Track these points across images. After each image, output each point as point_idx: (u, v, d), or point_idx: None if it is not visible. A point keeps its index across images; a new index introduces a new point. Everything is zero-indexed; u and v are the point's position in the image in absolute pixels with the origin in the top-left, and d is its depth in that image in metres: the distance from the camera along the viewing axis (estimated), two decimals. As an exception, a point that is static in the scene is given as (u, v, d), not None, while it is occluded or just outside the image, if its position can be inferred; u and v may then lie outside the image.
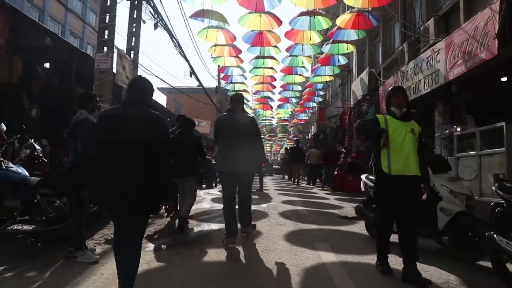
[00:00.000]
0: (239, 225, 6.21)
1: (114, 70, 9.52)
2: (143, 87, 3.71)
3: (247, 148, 5.82)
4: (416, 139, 4.48)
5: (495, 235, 4.05)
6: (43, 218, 6.04)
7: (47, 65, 12.26)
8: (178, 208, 7.68)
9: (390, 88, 4.84)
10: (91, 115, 5.09)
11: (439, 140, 10.41)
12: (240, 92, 13.05)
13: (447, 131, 9.88)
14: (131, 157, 3.30)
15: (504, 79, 8.96)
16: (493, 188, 5.02)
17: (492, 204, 4.62)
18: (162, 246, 5.65)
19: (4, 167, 6.12)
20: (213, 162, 15.13)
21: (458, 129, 9.35)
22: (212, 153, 15.47)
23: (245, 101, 6.40)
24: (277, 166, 39.81)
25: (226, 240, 5.79)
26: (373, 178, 5.22)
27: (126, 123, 3.43)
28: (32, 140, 7.87)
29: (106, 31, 9.51)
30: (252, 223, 6.73)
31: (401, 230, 4.44)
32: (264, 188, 15.88)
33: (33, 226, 6.33)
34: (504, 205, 4.38)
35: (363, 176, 6.85)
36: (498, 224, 4.33)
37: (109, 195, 3.35)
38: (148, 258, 5.03)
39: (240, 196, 6.23)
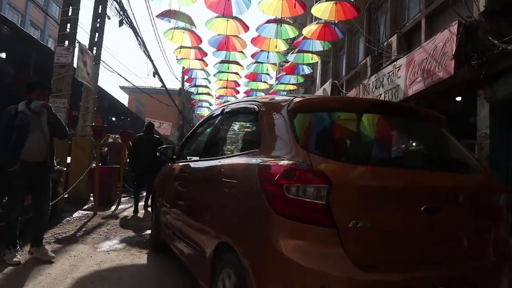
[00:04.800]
0: None
1: (75, 65, 9.28)
2: (153, 126, 9.93)
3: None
4: None
5: None
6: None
7: (3, 55, 11.84)
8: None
9: None
10: (32, 105, 4.66)
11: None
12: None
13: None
14: (149, 151, 8.00)
15: (459, 98, 9.29)
16: None
17: None
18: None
19: None
20: None
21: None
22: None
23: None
24: None
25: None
26: None
27: (148, 139, 9.20)
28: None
29: (68, 25, 9.25)
30: None
31: None
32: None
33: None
34: None
35: None
36: None
37: (143, 165, 8.81)
38: (99, 259, 4.92)
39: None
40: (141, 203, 9.66)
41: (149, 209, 8.43)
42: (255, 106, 3.10)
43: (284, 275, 2.20)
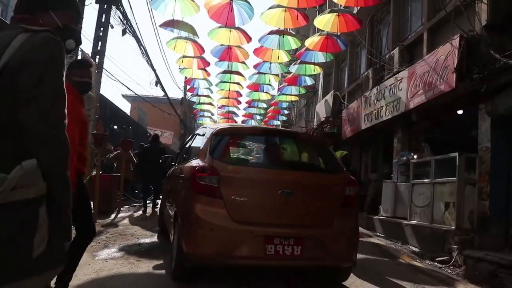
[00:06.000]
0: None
1: (78, 73, 9.31)
2: (158, 138, 12.28)
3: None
4: None
5: None
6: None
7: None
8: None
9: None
10: None
11: (397, 166, 10.66)
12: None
13: (405, 158, 10.13)
14: (155, 160, 8.80)
15: (460, 112, 9.30)
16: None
17: None
18: None
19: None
20: None
21: (415, 156, 9.61)
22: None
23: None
24: None
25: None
26: None
27: (154, 149, 11.08)
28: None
29: (72, 33, 9.32)
30: None
31: None
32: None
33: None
34: None
35: None
36: None
37: (150, 172, 10.67)
38: (97, 267, 4.89)
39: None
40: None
41: (157, 209, 10.58)
42: (204, 131, 5.18)
43: (193, 223, 4.06)
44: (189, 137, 6.74)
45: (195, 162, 4.49)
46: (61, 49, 1.61)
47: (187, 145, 6.44)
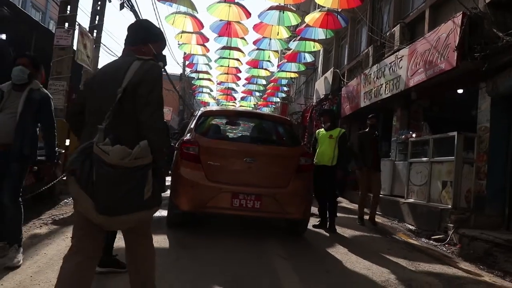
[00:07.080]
0: None
1: (75, 48, 9.19)
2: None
3: None
4: (334, 141, 6.98)
5: None
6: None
7: (3, 36, 11.75)
8: None
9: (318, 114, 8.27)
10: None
11: (395, 144, 10.66)
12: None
13: (403, 136, 10.12)
14: None
15: (460, 91, 9.25)
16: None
17: None
18: None
19: None
20: None
21: (414, 135, 9.60)
22: None
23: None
24: None
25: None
26: None
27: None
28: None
29: (69, 7, 9.14)
30: None
31: (324, 197, 7.08)
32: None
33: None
34: None
35: None
36: None
37: None
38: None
39: None
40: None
41: None
42: (198, 112, 6.68)
43: (180, 182, 5.47)
44: (191, 116, 8.70)
45: (187, 136, 5.82)
46: (161, 71, 2.51)
47: (189, 122, 7.49)
